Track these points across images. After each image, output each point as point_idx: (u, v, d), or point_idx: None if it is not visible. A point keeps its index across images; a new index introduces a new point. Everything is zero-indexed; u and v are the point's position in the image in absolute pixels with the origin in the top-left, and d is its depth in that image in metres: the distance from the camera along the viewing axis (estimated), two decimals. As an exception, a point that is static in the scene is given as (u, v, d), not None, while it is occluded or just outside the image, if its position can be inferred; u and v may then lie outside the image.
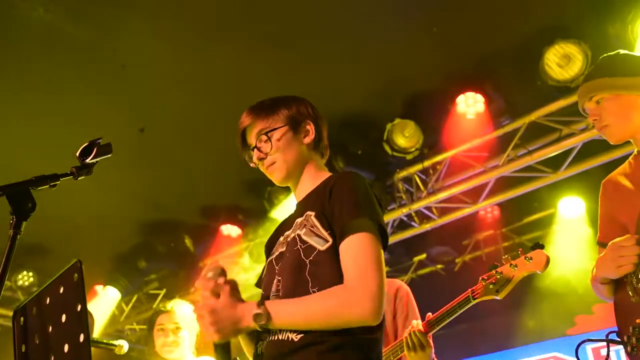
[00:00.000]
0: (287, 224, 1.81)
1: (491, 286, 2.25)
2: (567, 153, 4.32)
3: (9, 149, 4.61)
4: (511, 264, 2.24)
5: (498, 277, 2.24)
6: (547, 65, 3.79)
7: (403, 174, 4.95)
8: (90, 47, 3.91)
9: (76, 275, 1.23)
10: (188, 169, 5.11)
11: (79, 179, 1.64)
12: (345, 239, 1.56)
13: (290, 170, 1.79)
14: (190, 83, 4.28)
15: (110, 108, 4.37)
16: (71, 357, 1.18)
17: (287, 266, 1.65)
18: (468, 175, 4.77)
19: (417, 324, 2.30)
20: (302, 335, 1.53)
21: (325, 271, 1.58)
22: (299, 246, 1.63)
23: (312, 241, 1.61)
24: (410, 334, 2.25)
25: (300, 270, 1.60)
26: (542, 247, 2.20)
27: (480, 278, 2.30)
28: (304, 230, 1.64)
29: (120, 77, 4.15)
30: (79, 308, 1.20)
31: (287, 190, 4.96)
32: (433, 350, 2.29)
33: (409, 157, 4.61)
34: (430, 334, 2.29)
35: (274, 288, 1.65)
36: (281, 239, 1.78)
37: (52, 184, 1.55)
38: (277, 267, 1.70)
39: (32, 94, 4.22)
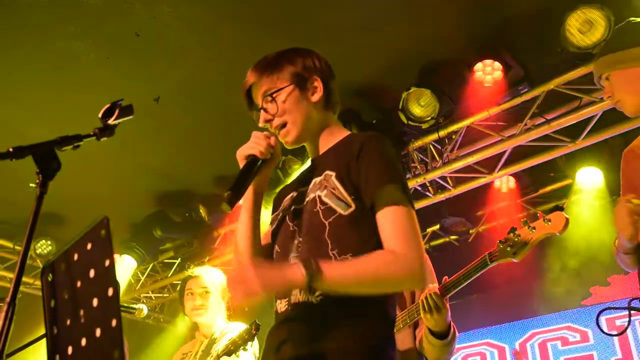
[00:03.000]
0: (301, 180, 1.79)
1: (508, 249, 2.23)
2: (586, 122, 4.26)
3: (21, 117, 4.64)
4: (529, 227, 2.23)
5: (516, 239, 2.23)
6: (569, 31, 3.71)
7: (418, 143, 4.92)
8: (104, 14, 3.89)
9: (103, 231, 1.24)
10: (202, 138, 5.11)
11: (101, 139, 1.66)
12: (383, 209, 1.54)
13: (302, 132, 1.74)
14: (204, 52, 4.25)
15: (124, 78, 4.37)
16: (101, 311, 1.19)
17: (307, 228, 1.63)
18: (484, 145, 4.72)
19: (434, 287, 2.30)
20: (321, 297, 1.53)
21: (346, 235, 1.56)
22: (318, 207, 1.61)
23: (333, 203, 1.59)
24: (426, 297, 2.25)
25: (320, 232, 1.59)
26: (561, 209, 2.20)
27: (498, 241, 2.29)
28: (325, 191, 1.62)
29: (134, 46, 4.13)
30: (107, 263, 1.21)
31: (301, 159, 4.95)
32: (449, 313, 2.30)
33: (424, 126, 4.56)
34: (447, 297, 2.29)
35: (293, 249, 1.64)
36: (294, 194, 1.75)
37: (76, 144, 1.55)
38: (292, 225, 1.68)
39: (46, 62, 4.22)
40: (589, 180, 4.91)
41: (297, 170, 4.97)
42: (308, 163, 1.86)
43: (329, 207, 1.59)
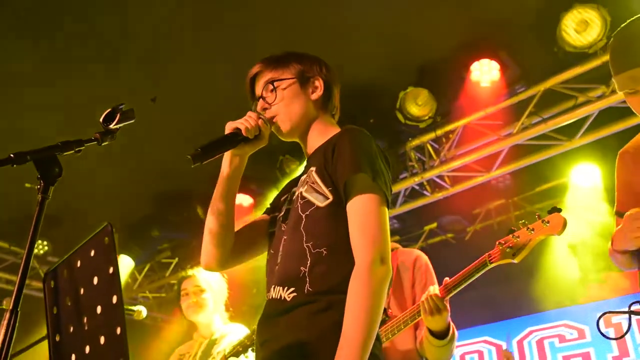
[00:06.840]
0: (295, 180, 1.83)
1: (508, 250, 2.25)
2: (582, 121, 4.28)
3: (21, 119, 4.63)
4: (528, 228, 2.24)
5: (515, 241, 2.25)
6: (564, 31, 3.72)
7: (415, 142, 4.93)
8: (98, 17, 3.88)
9: (107, 238, 1.24)
10: (199, 138, 5.09)
11: (103, 144, 1.65)
12: (351, 199, 1.56)
13: (294, 125, 1.77)
14: (200, 52, 4.25)
15: (120, 78, 4.36)
16: (104, 319, 1.19)
17: (289, 224, 1.68)
18: (481, 144, 4.74)
19: (434, 288, 2.32)
20: (294, 294, 1.56)
21: (320, 226, 1.59)
22: (299, 203, 1.65)
23: (312, 197, 1.63)
24: (427, 299, 2.27)
25: (297, 225, 1.62)
26: (559, 210, 2.20)
27: (497, 242, 2.30)
28: (306, 187, 1.66)
29: (130, 47, 4.12)
30: (110, 271, 1.21)
31: (299, 159, 4.95)
32: (449, 314, 2.31)
33: (421, 125, 4.58)
34: (447, 298, 2.31)
35: (281, 247, 1.68)
36: (287, 195, 1.79)
37: (77, 149, 1.54)
38: (283, 225, 1.72)
39: (41, 64, 4.20)
40: (584, 178, 4.93)
41: (295, 169, 4.97)
42: (304, 166, 1.86)
43: (307, 200, 1.63)
